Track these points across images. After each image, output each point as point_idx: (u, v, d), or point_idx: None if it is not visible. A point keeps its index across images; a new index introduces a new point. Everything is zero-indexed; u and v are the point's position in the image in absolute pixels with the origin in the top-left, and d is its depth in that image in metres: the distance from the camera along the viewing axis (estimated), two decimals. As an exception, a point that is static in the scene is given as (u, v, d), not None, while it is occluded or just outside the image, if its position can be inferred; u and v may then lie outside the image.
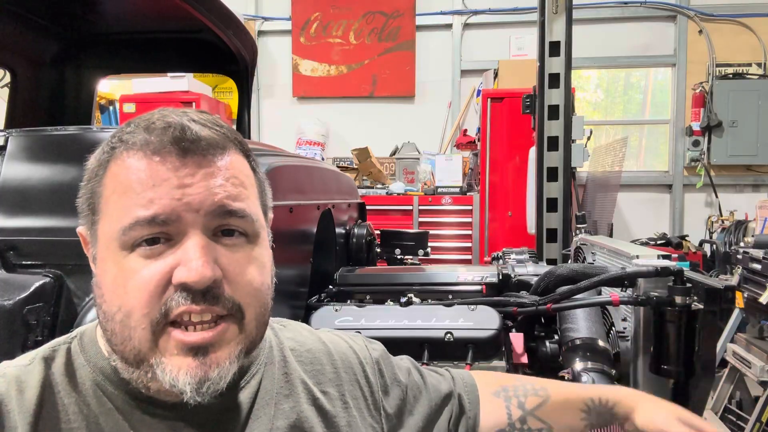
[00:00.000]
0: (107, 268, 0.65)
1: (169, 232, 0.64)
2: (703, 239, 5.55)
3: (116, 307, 0.64)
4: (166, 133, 0.65)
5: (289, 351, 0.84)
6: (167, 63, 2.65)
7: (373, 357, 0.91)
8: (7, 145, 1.24)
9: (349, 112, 6.26)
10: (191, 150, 0.65)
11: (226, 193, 0.65)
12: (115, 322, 0.64)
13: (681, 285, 1.31)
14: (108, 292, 0.65)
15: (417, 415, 0.90)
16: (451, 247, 4.92)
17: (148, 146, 0.64)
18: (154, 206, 0.62)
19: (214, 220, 0.65)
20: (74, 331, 0.75)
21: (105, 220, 0.66)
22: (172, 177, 0.63)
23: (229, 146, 0.69)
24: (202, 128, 0.66)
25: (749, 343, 3.04)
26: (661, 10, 5.83)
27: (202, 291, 0.62)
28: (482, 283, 1.81)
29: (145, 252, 0.63)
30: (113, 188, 0.65)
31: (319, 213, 1.83)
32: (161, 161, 0.64)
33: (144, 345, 0.63)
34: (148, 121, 0.66)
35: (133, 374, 0.65)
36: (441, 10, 6.11)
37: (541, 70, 3.15)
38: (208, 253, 0.63)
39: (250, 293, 0.67)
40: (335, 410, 0.81)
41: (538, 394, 0.98)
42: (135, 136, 0.66)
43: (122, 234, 0.63)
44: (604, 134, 6.14)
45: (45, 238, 1.13)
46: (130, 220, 0.63)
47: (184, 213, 0.63)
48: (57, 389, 0.67)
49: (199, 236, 0.64)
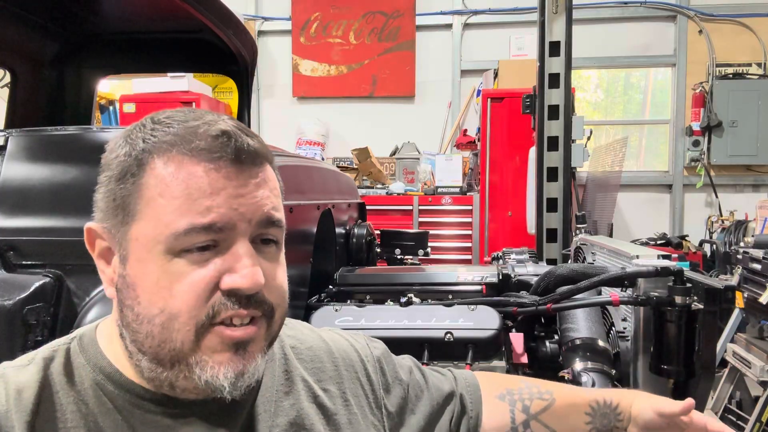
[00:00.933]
0: (148, 270, 0.65)
1: (220, 239, 0.65)
2: (703, 239, 5.55)
3: (158, 309, 0.64)
4: (220, 140, 0.65)
5: (289, 349, 0.84)
6: (167, 63, 2.65)
7: (375, 355, 0.91)
8: (7, 145, 1.24)
9: (349, 112, 6.26)
10: (245, 161, 0.67)
11: (272, 205, 0.69)
12: (153, 324, 0.64)
13: (681, 285, 1.31)
14: (147, 293, 0.65)
15: (419, 413, 0.90)
16: (451, 247, 4.92)
17: (203, 153, 0.65)
18: (212, 214, 0.64)
19: (259, 229, 0.68)
20: (73, 332, 0.75)
21: (146, 222, 0.65)
22: (228, 186, 0.65)
23: (269, 158, 0.72)
24: (250, 139, 0.68)
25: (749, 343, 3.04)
26: (661, 10, 5.83)
27: (248, 296, 0.65)
28: (482, 283, 1.81)
29: (194, 258, 0.64)
30: (160, 191, 0.64)
31: (319, 213, 1.83)
32: (216, 168, 0.65)
33: (186, 345, 0.64)
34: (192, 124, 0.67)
35: (162, 374, 0.66)
36: (441, 10, 6.11)
37: (541, 70, 3.15)
38: (257, 262, 0.66)
39: (281, 296, 0.71)
40: (336, 407, 0.81)
41: (543, 398, 0.98)
42: (182, 139, 0.65)
43: (174, 239, 0.63)
44: (604, 134, 6.14)
45: (45, 238, 1.13)
46: (185, 226, 0.63)
47: (239, 222, 0.65)
48: (55, 389, 0.68)
49: (248, 245, 0.66)
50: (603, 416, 0.96)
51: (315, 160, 2.58)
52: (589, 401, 0.98)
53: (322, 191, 1.97)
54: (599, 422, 0.96)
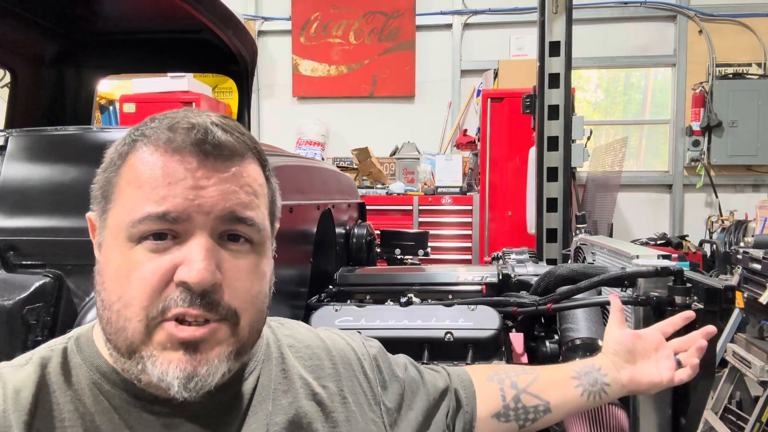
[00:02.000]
0: (112, 257, 0.66)
1: (177, 230, 0.65)
2: (703, 239, 5.55)
3: (116, 296, 0.65)
4: (189, 133, 0.66)
5: (287, 348, 0.84)
6: (167, 63, 2.65)
7: (371, 353, 0.92)
8: (7, 145, 1.24)
9: (349, 112, 6.26)
10: (211, 153, 0.66)
11: (238, 201, 0.67)
12: (112, 311, 0.65)
13: (681, 285, 1.31)
14: (109, 280, 0.66)
15: (416, 409, 0.91)
16: (451, 247, 4.92)
17: (170, 144, 0.66)
18: (167, 203, 0.64)
19: (222, 225, 0.66)
20: (71, 332, 0.76)
21: (116, 209, 0.67)
22: (188, 177, 0.65)
23: (247, 154, 0.70)
24: (224, 134, 0.67)
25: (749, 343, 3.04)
26: (661, 10, 5.83)
27: (200, 294, 0.64)
28: (482, 283, 1.81)
29: (151, 246, 0.64)
30: (129, 180, 0.66)
31: (319, 213, 1.83)
32: (180, 160, 0.65)
33: (137, 337, 0.64)
34: (173, 120, 0.68)
35: (125, 364, 0.66)
36: (441, 10, 6.11)
37: (541, 70, 3.15)
38: (211, 257, 0.65)
39: (247, 300, 0.68)
40: (334, 405, 0.81)
41: (528, 372, 1.03)
42: (158, 132, 0.67)
43: (131, 226, 0.64)
44: (604, 134, 6.14)
45: (45, 238, 1.13)
46: (141, 214, 0.64)
47: (195, 214, 0.64)
48: (52, 388, 0.68)
49: (205, 238, 0.65)
50: (588, 375, 1.03)
51: (315, 160, 2.57)
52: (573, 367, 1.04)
53: (322, 191, 1.97)
54: (586, 382, 1.02)
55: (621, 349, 1.05)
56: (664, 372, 1.03)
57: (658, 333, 1.08)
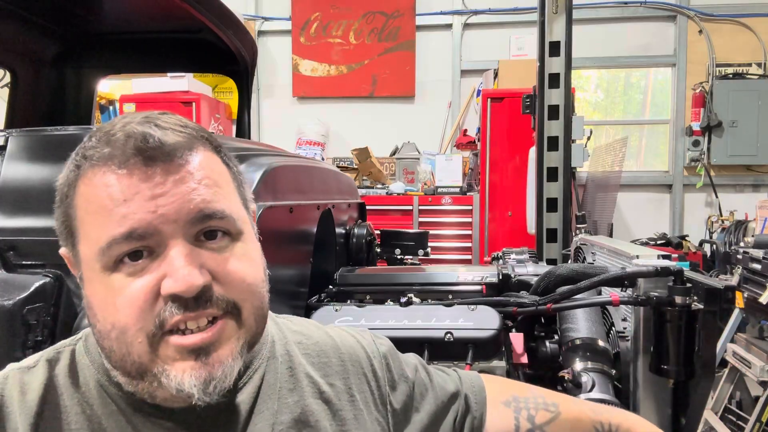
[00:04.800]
0: (95, 289, 0.64)
1: (149, 245, 0.62)
2: (703, 239, 5.55)
3: (110, 325, 0.63)
4: (127, 143, 0.62)
5: (294, 345, 0.83)
6: (167, 63, 2.65)
7: (381, 351, 0.90)
8: (7, 145, 1.24)
9: (349, 112, 6.26)
10: (156, 157, 0.62)
11: (200, 197, 0.64)
12: (111, 339, 0.63)
13: (681, 285, 1.31)
14: (99, 311, 0.64)
15: (423, 412, 0.90)
16: (451, 247, 4.92)
17: (112, 160, 0.62)
18: (128, 221, 0.61)
19: (193, 227, 0.64)
20: (80, 333, 0.75)
21: (83, 242, 0.65)
22: (142, 189, 0.62)
23: (196, 146, 0.66)
24: (164, 132, 0.64)
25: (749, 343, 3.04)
26: (661, 10, 5.83)
27: (193, 298, 0.62)
28: (482, 283, 1.81)
29: (128, 269, 0.62)
30: (85, 208, 0.64)
31: (319, 213, 1.83)
32: (128, 174, 0.62)
33: (144, 357, 0.63)
34: (108, 133, 0.64)
35: (138, 386, 0.65)
36: (441, 10, 6.11)
37: (541, 70, 3.15)
38: (194, 261, 0.62)
39: (245, 289, 0.66)
40: (341, 403, 0.80)
41: (549, 410, 0.97)
42: (97, 150, 0.63)
43: (101, 255, 0.62)
44: (604, 134, 6.14)
45: (45, 238, 1.13)
46: (106, 240, 0.61)
47: (162, 225, 0.62)
48: (60, 391, 0.67)
49: (182, 244, 0.63)
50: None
51: (315, 160, 2.58)
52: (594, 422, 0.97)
53: (322, 191, 1.97)
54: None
55: None
56: None
57: None
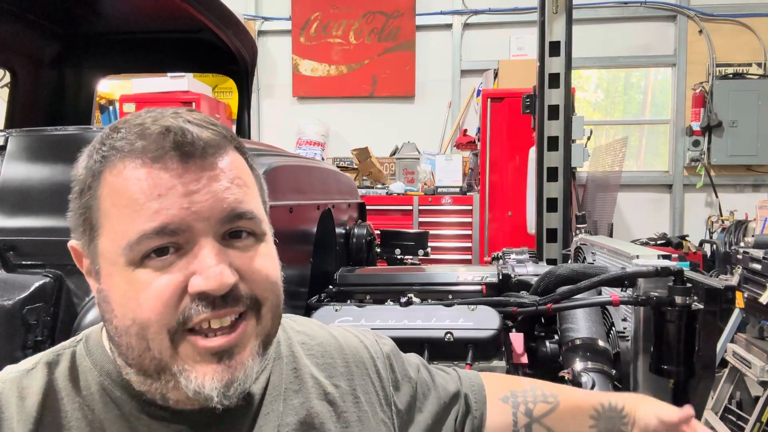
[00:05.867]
0: (115, 284, 0.63)
1: (179, 242, 0.62)
2: (703, 239, 5.55)
3: (130, 320, 0.62)
4: (165, 137, 0.62)
5: (298, 346, 0.83)
6: (167, 63, 2.66)
7: (384, 352, 0.90)
8: (7, 145, 1.24)
9: (349, 112, 6.26)
10: (193, 154, 0.62)
11: (233, 197, 0.64)
12: (130, 335, 0.62)
13: (681, 285, 1.31)
14: (119, 307, 0.63)
15: (426, 412, 0.90)
16: (451, 247, 4.92)
17: (146, 153, 0.61)
18: (161, 216, 0.60)
19: (224, 226, 0.64)
20: (80, 335, 0.73)
21: (107, 235, 0.63)
22: (177, 184, 0.61)
23: (227, 146, 0.66)
24: (200, 130, 0.64)
25: (749, 343, 3.04)
26: (661, 10, 5.83)
27: (221, 296, 0.61)
28: (482, 283, 1.81)
29: (155, 264, 0.61)
30: (113, 201, 0.62)
31: (319, 213, 1.83)
32: (163, 168, 0.61)
33: (165, 353, 0.62)
34: (142, 126, 0.63)
35: (152, 386, 0.64)
36: (441, 10, 6.11)
37: (541, 70, 3.15)
38: (224, 260, 0.62)
39: (267, 287, 0.67)
40: (346, 405, 0.80)
41: (548, 401, 0.97)
42: (130, 142, 0.62)
43: (129, 249, 0.61)
44: (604, 134, 6.14)
45: (45, 238, 1.13)
46: (136, 234, 0.60)
47: (194, 222, 0.61)
48: (60, 395, 0.66)
49: (212, 243, 0.62)
50: (608, 420, 0.95)
51: (315, 160, 2.57)
52: (594, 405, 0.97)
53: (322, 191, 1.97)
54: (603, 426, 0.95)
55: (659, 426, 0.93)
56: None
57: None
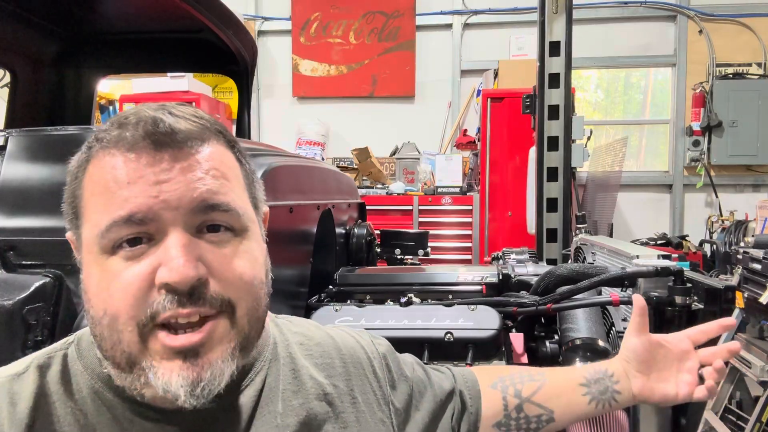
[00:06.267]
0: (91, 272, 0.63)
1: (149, 231, 0.61)
2: (703, 239, 5.55)
3: (102, 311, 0.61)
4: (138, 127, 0.62)
5: (296, 347, 0.82)
6: (167, 63, 2.65)
7: (380, 352, 0.90)
8: (7, 145, 1.24)
9: (349, 112, 6.26)
10: (165, 143, 0.62)
11: (206, 187, 0.62)
12: (102, 326, 0.61)
13: (681, 285, 1.31)
14: (93, 296, 0.63)
15: (423, 410, 0.90)
16: (451, 247, 4.92)
17: (121, 142, 0.62)
18: (129, 205, 0.60)
19: (195, 217, 0.62)
20: (71, 337, 0.72)
21: (86, 223, 0.64)
22: (147, 173, 0.60)
23: (208, 137, 0.65)
24: (177, 120, 0.63)
25: (749, 343, 3.03)
26: (661, 10, 5.83)
27: (187, 292, 0.60)
28: (482, 283, 1.81)
29: (126, 254, 0.61)
30: (91, 190, 0.63)
31: (319, 213, 1.83)
32: (136, 157, 0.61)
33: (133, 347, 0.61)
34: (123, 117, 0.64)
35: (126, 380, 0.63)
36: (441, 10, 6.11)
37: (541, 70, 3.15)
38: (190, 252, 0.61)
39: (240, 288, 0.64)
40: (344, 405, 0.80)
41: (535, 379, 0.98)
42: (109, 133, 0.63)
43: (101, 237, 0.61)
44: (604, 134, 6.14)
45: (45, 238, 1.13)
46: (107, 222, 0.60)
47: (163, 211, 0.60)
48: (52, 399, 0.65)
49: (180, 234, 0.61)
50: (598, 382, 0.96)
51: (315, 160, 2.57)
52: (582, 374, 0.98)
53: (322, 191, 1.97)
54: (596, 390, 0.95)
55: (634, 358, 0.96)
56: (682, 387, 0.94)
57: (686, 341, 0.98)
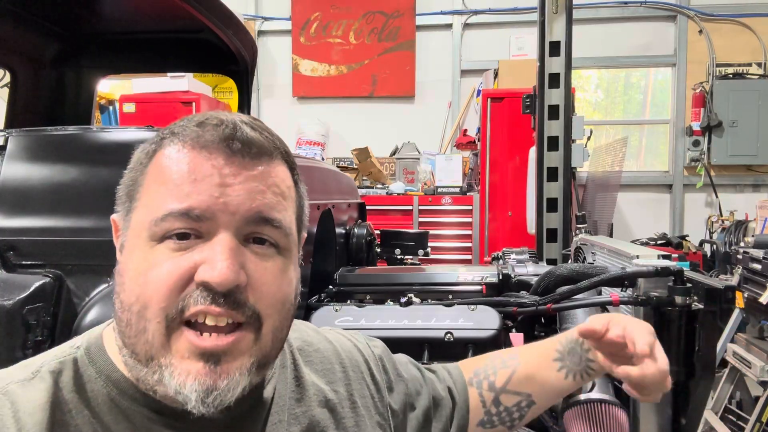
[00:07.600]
0: (133, 257, 0.63)
1: (201, 229, 0.62)
2: (703, 239, 5.55)
3: (134, 296, 0.61)
4: (217, 129, 0.64)
5: (297, 351, 0.83)
6: (167, 63, 2.66)
7: (376, 354, 0.91)
8: (7, 145, 1.24)
9: (349, 112, 6.26)
10: (239, 151, 0.64)
11: (265, 201, 0.64)
12: (131, 312, 0.61)
13: (681, 285, 1.31)
14: (128, 280, 0.63)
15: (418, 408, 0.91)
16: (451, 247, 4.92)
17: (197, 140, 0.64)
18: (190, 200, 0.61)
19: (248, 226, 0.63)
20: (77, 340, 0.71)
21: (140, 208, 0.65)
22: (214, 174, 0.62)
23: (276, 156, 0.68)
24: (252, 131, 0.66)
25: (749, 343, 3.04)
26: (661, 10, 5.83)
27: (223, 293, 0.60)
28: (482, 283, 1.81)
29: (173, 245, 0.62)
30: (154, 177, 0.64)
31: (319, 213, 1.83)
32: (207, 156, 0.63)
33: (157, 340, 0.61)
34: (203, 117, 0.67)
35: (141, 372, 0.62)
36: (441, 10, 6.11)
37: (541, 70, 3.15)
38: (236, 257, 0.61)
39: (272, 305, 0.65)
40: (344, 411, 0.80)
41: (506, 366, 0.96)
42: (186, 129, 0.65)
43: (154, 224, 0.62)
44: (604, 134, 6.14)
45: (45, 238, 1.13)
46: (164, 211, 0.61)
47: (220, 213, 0.62)
48: (67, 407, 0.63)
49: (230, 238, 0.62)
50: (571, 352, 0.93)
51: (315, 160, 2.57)
52: (554, 347, 0.95)
53: (322, 191, 1.97)
54: (570, 361, 0.92)
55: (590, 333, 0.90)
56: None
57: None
